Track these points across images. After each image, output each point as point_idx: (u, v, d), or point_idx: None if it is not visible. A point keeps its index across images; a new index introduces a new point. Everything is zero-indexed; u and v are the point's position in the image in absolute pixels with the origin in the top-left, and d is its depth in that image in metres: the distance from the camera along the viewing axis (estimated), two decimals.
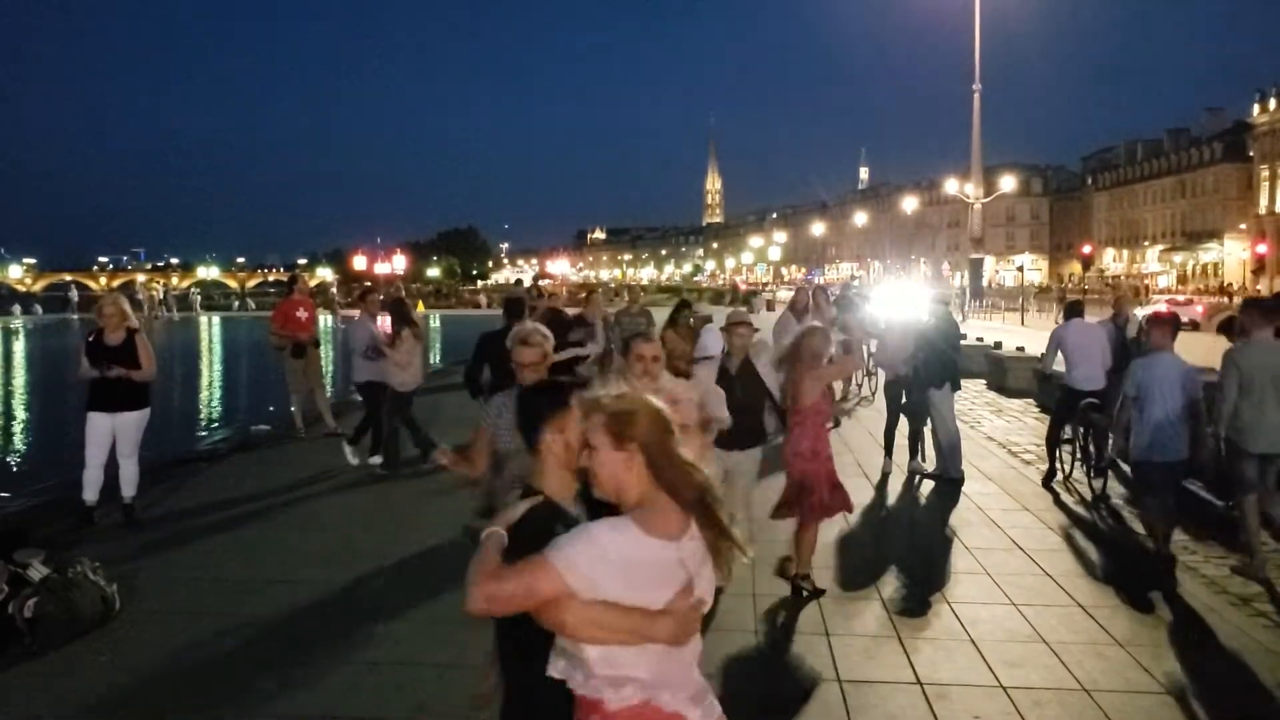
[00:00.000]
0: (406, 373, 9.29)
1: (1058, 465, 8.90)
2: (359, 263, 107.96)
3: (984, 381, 15.98)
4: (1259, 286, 58.98)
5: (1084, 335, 8.81)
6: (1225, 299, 52.97)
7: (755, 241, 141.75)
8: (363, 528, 7.38)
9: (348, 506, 8.11)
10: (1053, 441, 9.00)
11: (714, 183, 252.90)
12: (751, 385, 5.72)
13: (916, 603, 5.75)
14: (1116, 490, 8.56)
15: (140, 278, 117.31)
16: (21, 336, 42.18)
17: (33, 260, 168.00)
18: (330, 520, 7.67)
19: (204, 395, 20.91)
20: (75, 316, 52.25)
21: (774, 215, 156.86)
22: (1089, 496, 8.31)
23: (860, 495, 7.61)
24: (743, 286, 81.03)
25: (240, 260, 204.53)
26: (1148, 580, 6.14)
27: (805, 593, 5.71)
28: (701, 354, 9.10)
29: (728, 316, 6.23)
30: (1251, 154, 71.84)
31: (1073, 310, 9.36)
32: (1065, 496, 8.45)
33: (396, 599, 5.75)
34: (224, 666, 4.78)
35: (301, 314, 11.50)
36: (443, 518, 7.39)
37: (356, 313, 10.18)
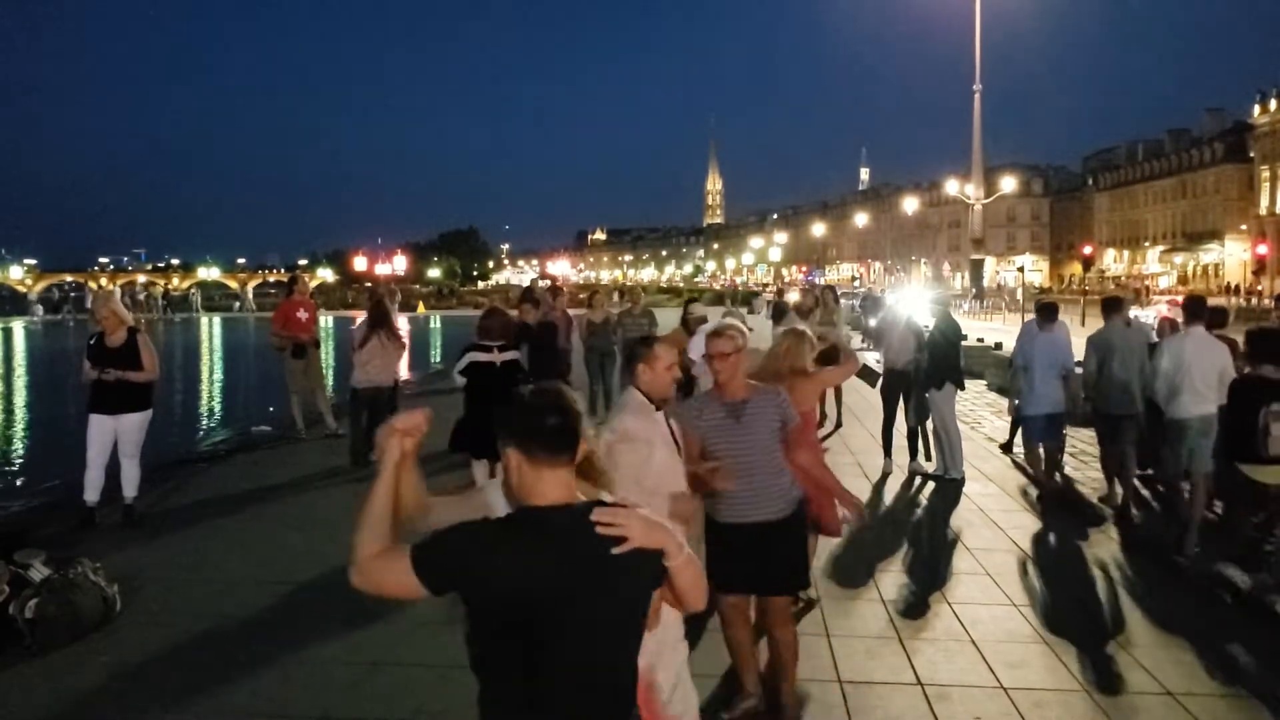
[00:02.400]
0: (364, 371, 9.33)
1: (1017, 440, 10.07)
2: (359, 263, 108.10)
3: (984, 383, 15.98)
4: (1260, 287, 58.92)
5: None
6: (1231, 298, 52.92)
7: (756, 242, 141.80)
8: None
9: (348, 507, 8.03)
10: (1015, 423, 10.07)
11: (714, 183, 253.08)
12: None
13: (917, 603, 5.74)
14: (1118, 491, 8.55)
15: (140, 278, 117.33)
16: (29, 337, 42.17)
17: (34, 261, 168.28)
18: (331, 520, 7.65)
19: (205, 396, 20.92)
20: (37, 320, 52.82)
21: (774, 216, 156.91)
22: (1091, 501, 8.31)
23: (860, 496, 7.60)
24: (728, 287, 75.90)
25: (241, 261, 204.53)
26: (1149, 579, 6.15)
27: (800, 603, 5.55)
28: (694, 355, 9.08)
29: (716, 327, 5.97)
30: (1252, 154, 71.76)
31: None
32: (1065, 497, 8.44)
33: (396, 599, 5.73)
34: (225, 667, 4.77)
35: (302, 315, 11.50)
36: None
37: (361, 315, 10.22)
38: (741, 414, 4.05)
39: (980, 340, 19.90)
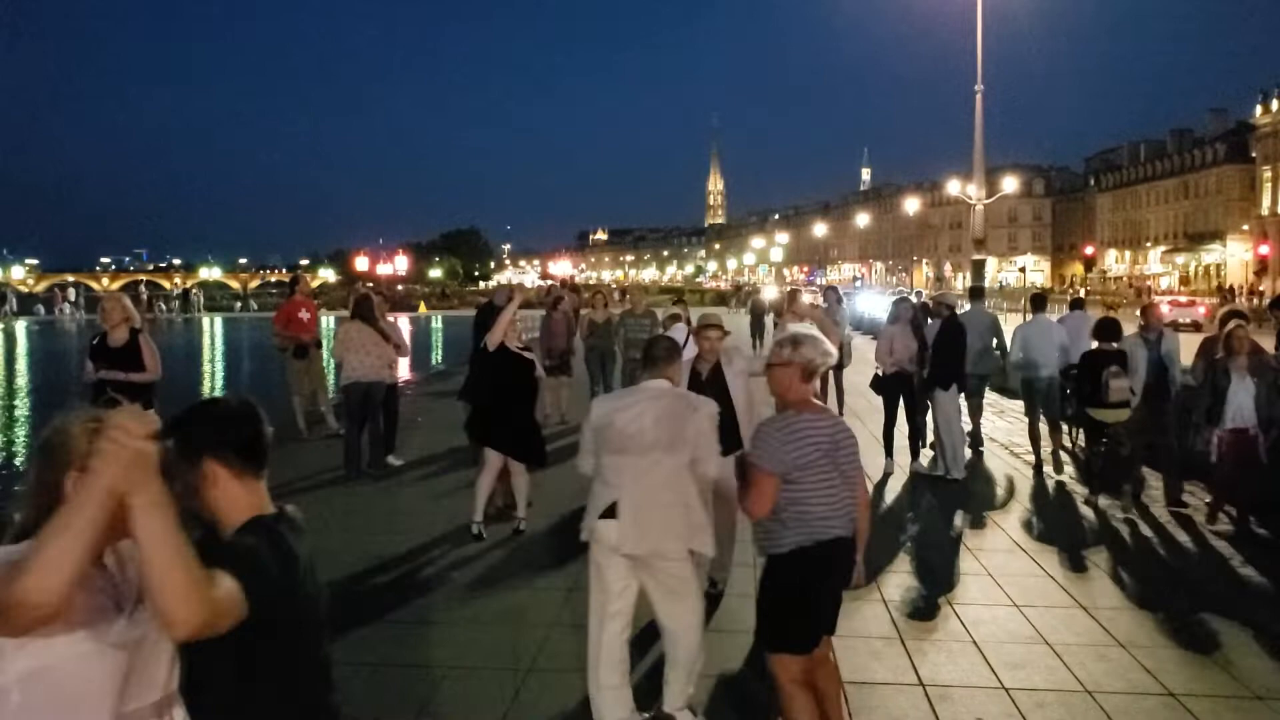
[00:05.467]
0: (350, 368, 9.13)
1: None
2: (361, 263, 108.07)
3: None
4: (1261, 287, 58.87)
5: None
6: (1226, 298, 52.94)
7: (757, 242, 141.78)
8: (364, 529, 7.38)
9: (349, 508, 8.11)
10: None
11: (716, 183, 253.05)
12: (722, 392, 5.34)
13: (919, 604, 5.74)
14: (1118, 493, 8.56)
15: (142, 278, 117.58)
16: (28, 336, 42.20)
17: (35, 261, 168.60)
18: (331, 521, 7.66)
19: (206, 396, 20.90)
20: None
21: (776, 216, 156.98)
22: (1092, 501, 8.31)
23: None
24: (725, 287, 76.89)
25: (242, 261, 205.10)
26: (1150, 580, 6.15)
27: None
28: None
29: (699, 319, 5.94)
30: (1254, 155, 71.70)
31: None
32: (1067, 497, 8.45)
33: (398, 601, 5.75)
34: None
35: (304, 315, 11.50)
36: (443, 519, 7.40)
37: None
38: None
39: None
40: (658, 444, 3.96)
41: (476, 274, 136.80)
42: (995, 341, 10.69)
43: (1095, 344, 8.09)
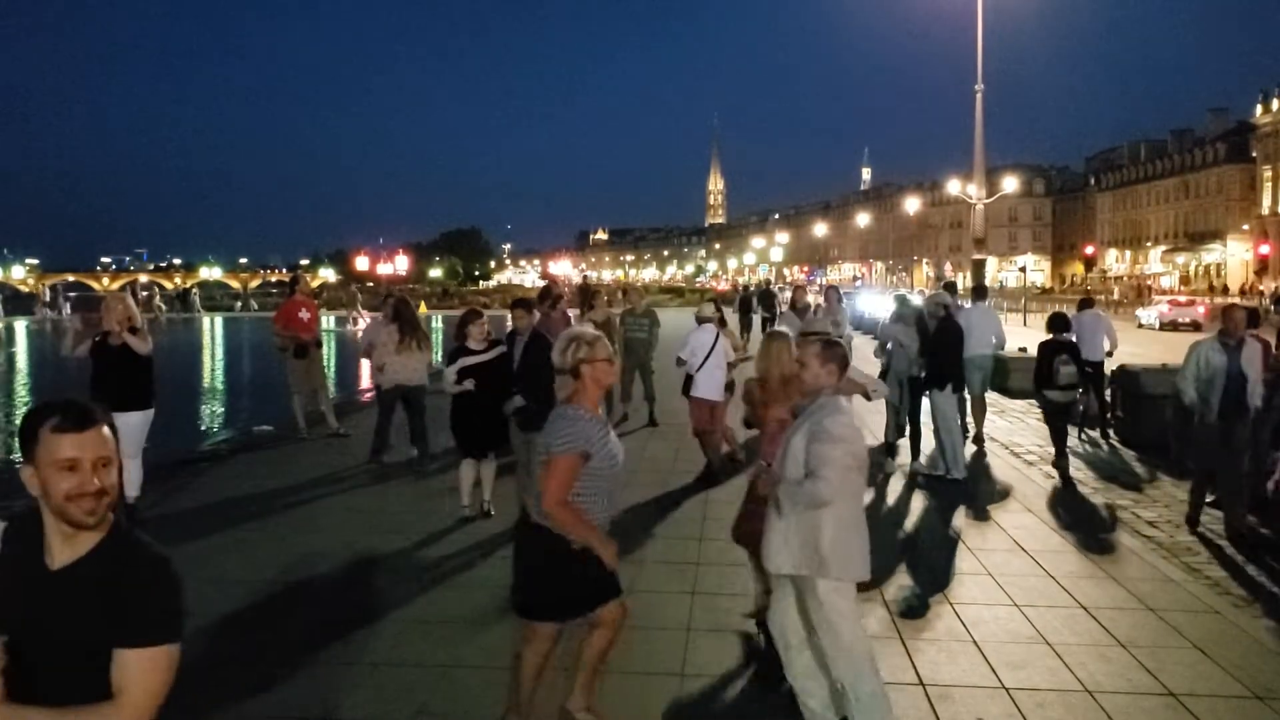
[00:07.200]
0: (394, 373, 9.33)
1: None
2: (361, 263, 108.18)
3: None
4: (1262, 287, 58.88)
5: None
6: (1223, 298, 52.92)
7: (758, 242, 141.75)
8: (364, 529, 7.37)
9: (349, 507, 8.10)
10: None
11: (716, 183, 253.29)
12: None
13: (919, 604, 5.74)
14: (1119, 493, 8.56)
15: (142, 278, 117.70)
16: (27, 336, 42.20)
17: (35, 261, 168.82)
18: (332, 521, 7.66)
19: (206, 396, 20.92)
20: None
21: (776, 216, 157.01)
22: (1093, 501, 8.32)
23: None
24: (722, 287, 78.03)
25: (243, 260, 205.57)
26: (1151, 581, 6.14)
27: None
28: (691, 355, 9.02)
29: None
30: (1255, 155, 71.72)
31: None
32: (1068, 497, 8.45)
33: (397, 600, 5.74)
34: (224, 667, 4.77)
35: (304, 314, 11.50)
36: (443, 519, 7.40)
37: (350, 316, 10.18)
38: None
39: None
40: None
41: (477, 274, 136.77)
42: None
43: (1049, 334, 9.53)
